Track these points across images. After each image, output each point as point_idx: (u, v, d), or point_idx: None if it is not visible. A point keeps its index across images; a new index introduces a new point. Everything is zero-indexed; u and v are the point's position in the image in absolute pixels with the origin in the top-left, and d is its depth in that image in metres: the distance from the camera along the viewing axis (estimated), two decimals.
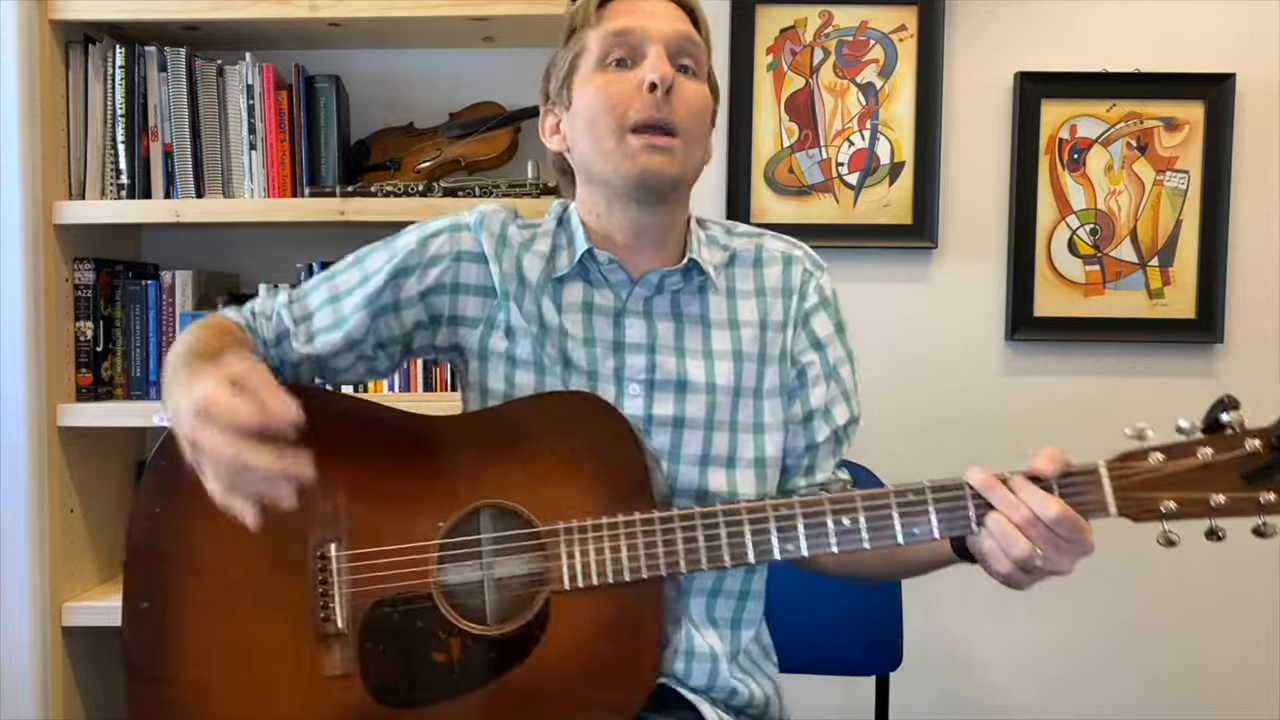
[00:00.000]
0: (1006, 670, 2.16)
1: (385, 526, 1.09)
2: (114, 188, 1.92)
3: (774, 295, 1.25)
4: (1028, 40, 2.09)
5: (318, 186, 1.96)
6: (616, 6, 1.19)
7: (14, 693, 1.85)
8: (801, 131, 2.11)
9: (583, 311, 1.21)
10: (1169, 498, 1.00)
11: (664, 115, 1.14)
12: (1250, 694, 2.13)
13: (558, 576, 1.05)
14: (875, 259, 2.10)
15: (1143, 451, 1.01)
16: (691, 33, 1.19)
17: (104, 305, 1.96)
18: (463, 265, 1.23)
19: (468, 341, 1.23)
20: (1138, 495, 1.00)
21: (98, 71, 1.92)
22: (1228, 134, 2.07)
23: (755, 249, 1.28)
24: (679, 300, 1.23)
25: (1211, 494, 0.99)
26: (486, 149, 2.04)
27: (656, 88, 1.13)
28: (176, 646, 1.10)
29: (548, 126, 1.26)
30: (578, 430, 1.09)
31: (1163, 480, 1.00)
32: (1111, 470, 1.01)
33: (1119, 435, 1.09)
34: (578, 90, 1.19)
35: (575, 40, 1.20)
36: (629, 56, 1.16)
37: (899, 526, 1.03)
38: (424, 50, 2.12)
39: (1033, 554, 0.99)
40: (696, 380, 1.20)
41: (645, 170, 1.14)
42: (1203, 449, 1.00)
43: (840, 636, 1.67)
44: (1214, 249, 2.09)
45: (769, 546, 1.04)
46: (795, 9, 2.09)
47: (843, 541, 1.03)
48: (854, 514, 1.03)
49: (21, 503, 1.84)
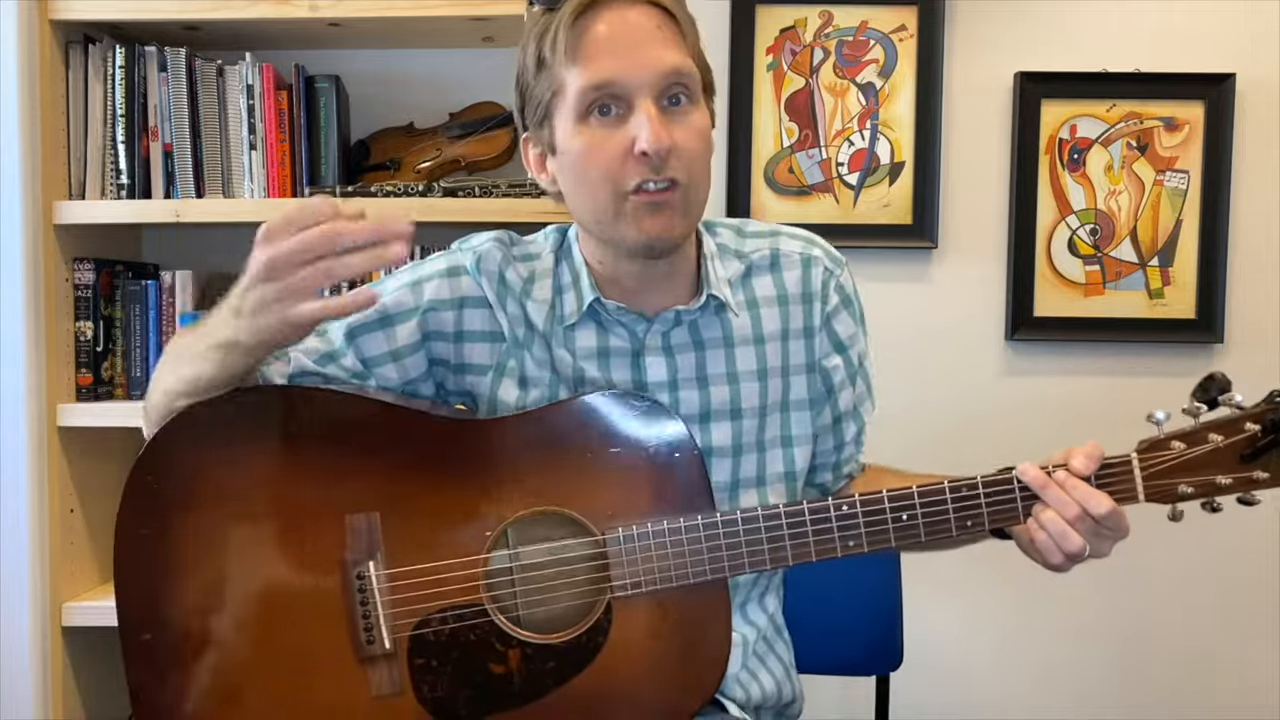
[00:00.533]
0: (1006, 670, 2.16)
1: (427, 540, 1.04)
2: (114, 188, 1.92)
3: (795, 302, 1.20)
4: (1028, 40, 2.09)
5: (318, 186, 1.96)
6: (592, 36, 1.05)
7: (14, 693, 1.85)
8: (801, 131, 2.11)
9: (598, 357, 1.16)
10: (1186, 482, 1.07)
11: (662, 176, 1.05)
12: (1250, 694, 2.13)
13: (621, 584, 1.04)
14: (875, 259, 2.10)
15: (1165, 440, 1.08)
16: (679, 61, 1.07)
17: (104, 305, 1.96)
18: (466, 311, 1.16)
19: (478, 389, 1.17)
20: (1162, 482, 1.07)
21: (98, 71, 1.92)
22: (1228, 134, 2.07)
23: (771, 252, 1.21)
24: (698, 327, 1.17)
25: (1218, 475, 1.06)
26: (486, 149, 2.04)
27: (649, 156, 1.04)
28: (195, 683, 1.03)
29: (532, 158, 1.17)
30: (627, 432, 1.07)
31: (1183, 466, 1.07)
32: (1142, 460, 1.07)
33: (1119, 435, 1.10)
34: (561, 136, 1.09)
35: (547, 75, 1.08)
36: (614, 105, 1.05)
37: (954, 520, 1.07)
38: (424, 50, 2.12)
39: (1084, 547, 1.04)
40: (720, 408, 1.17)
41: (649, 236, 1.07)
42: (1214, 434, 1.07)
43: (840, 636, 1.67)
44: (1214, 249, 2.09)
45: (832, 545, 1.06)
46: (795, 9, 2.09)
47: (901, 537, 1.06)
48: (912, 510, 1.06)
49: (21, 503, 1.84)
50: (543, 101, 1.09)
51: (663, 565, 1.04)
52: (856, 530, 1.06)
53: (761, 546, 1.06)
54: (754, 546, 1.06)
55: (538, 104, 1.10)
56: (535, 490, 1.05)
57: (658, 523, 1.04)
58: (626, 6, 1.06)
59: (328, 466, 1.05)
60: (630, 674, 1.04)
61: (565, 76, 1.06)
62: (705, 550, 1.04)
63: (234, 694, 1.03)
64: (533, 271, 1.18)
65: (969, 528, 1.07)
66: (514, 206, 1.91)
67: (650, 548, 1.04)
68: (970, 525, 1.07)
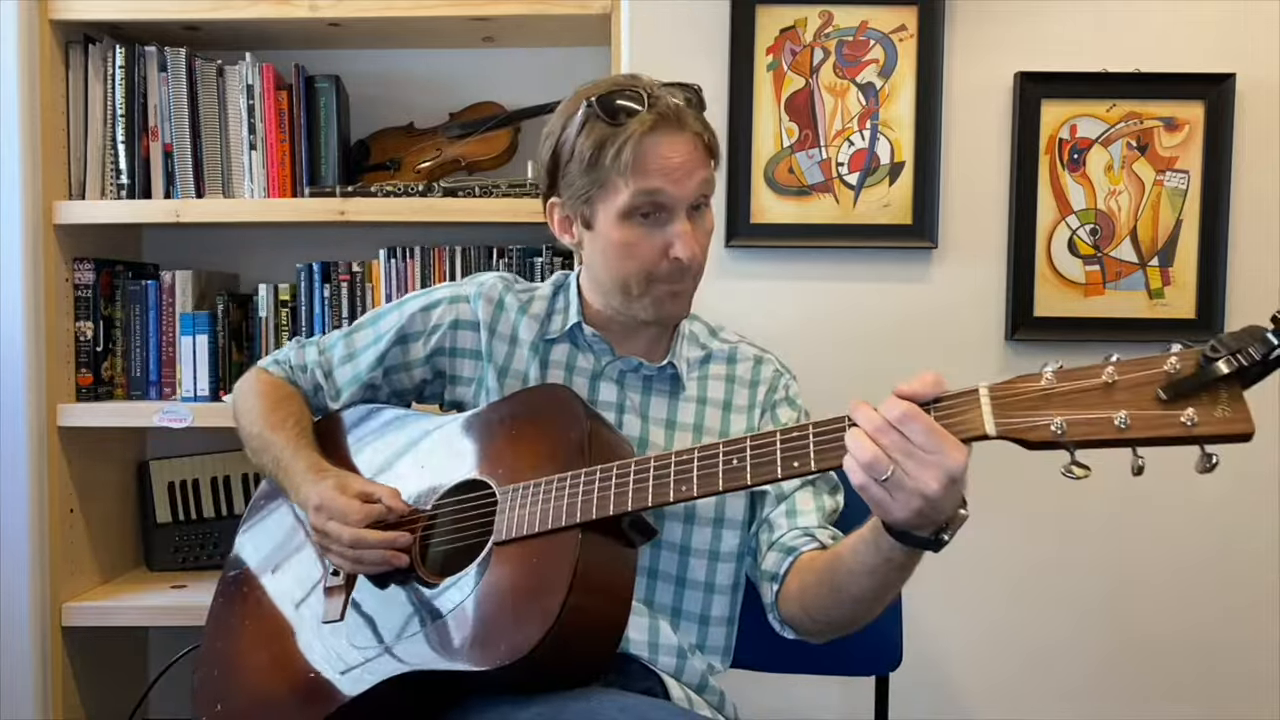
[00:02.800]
0: (1006, 670, 2.15)
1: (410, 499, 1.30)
2: (114, 188, 1.92)
3: (741, 384, 1.39)
4: (1028, 40, 2.09)
5: (318, 186, 1.96)
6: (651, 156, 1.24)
7: (14, 693, 1.85)
8: (801, 131, 2.11)
9: (565, 370, 1.38)
10: (1059, 415, 0.89)
11: (687, 276, 1.29)
12: (1250, 694, 2.13)
13: (500, 530, 1.17)
14: (875, 259, 2.10)
15: (1035, 374, 0.92)
16: (709, 174, 1.29)
17: (104, 305, 1.96)
18: (459, 332, 1.41)
19: (464, 398, 1.41)
20: (1021, 414, 0.91)
21: (98, 71, 1.92)
22: (1228, 134, 2.07)
23: (729, 350, 1.42)
24: (651, 381, 1.37)
25: (1114, 412, 0.88)
26: (486, 149, 2.04)
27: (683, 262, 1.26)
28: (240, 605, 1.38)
29: (556, 220, 1.36)
30: (541, 411, 1.26)
31: (1052, 399, 0.90)
32: (993, 390, 0.95)
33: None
34: (603, 223, 1.29)
35: (601, 174, 1.25)
36: (656, 212, 1.26)
37: (779, 460, 1.05)
38: (424, 50, 2.12)
39: (880, 460, 0.95)
40: (656, 444, 1.33)
41: (664, 314, 1.32)
42: (1107, 369, 0.89)
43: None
44: (1214, 249, 2.08)
45: (666, 490, 1.10)
46: (795, 9, 2.09)
47: (728, 479, 1.07)
48: (741, 453, 1.08)
49: (21, 503, 1.85)
50: (588, 190, 1.28)
51: (531, 513, 1.15)
52: (689, 474, 1.09)
53: (609, 492, 1.12)
54: (603, 493, 1.12)
55: (582, 189, 1.28)
56: (476, 461, 1.27)
57: (538, 479, 1.17)
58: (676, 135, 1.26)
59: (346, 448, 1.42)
60: (485, 610, 1.13)
61: (619, 182, 1.25)
62: (566, 499, 1.13)
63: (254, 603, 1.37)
64: (531, 297, 1.42)
65: (795, 469, 1.04)
66: (514, 206, 1.91)
67: (528, 500, 1.16)
68: (797, 466, 1.04)
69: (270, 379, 1.48)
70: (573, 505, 1.13)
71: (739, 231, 2.09)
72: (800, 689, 2.04)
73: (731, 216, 2.10)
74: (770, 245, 2.11)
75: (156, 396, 1.99)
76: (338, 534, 1.23)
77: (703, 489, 1.09)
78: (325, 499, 1.25)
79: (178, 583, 2.01)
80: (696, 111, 1.30)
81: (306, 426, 1.41)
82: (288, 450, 1.35)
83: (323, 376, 1.46)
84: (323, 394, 1.47)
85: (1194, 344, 0.88)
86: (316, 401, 1.48)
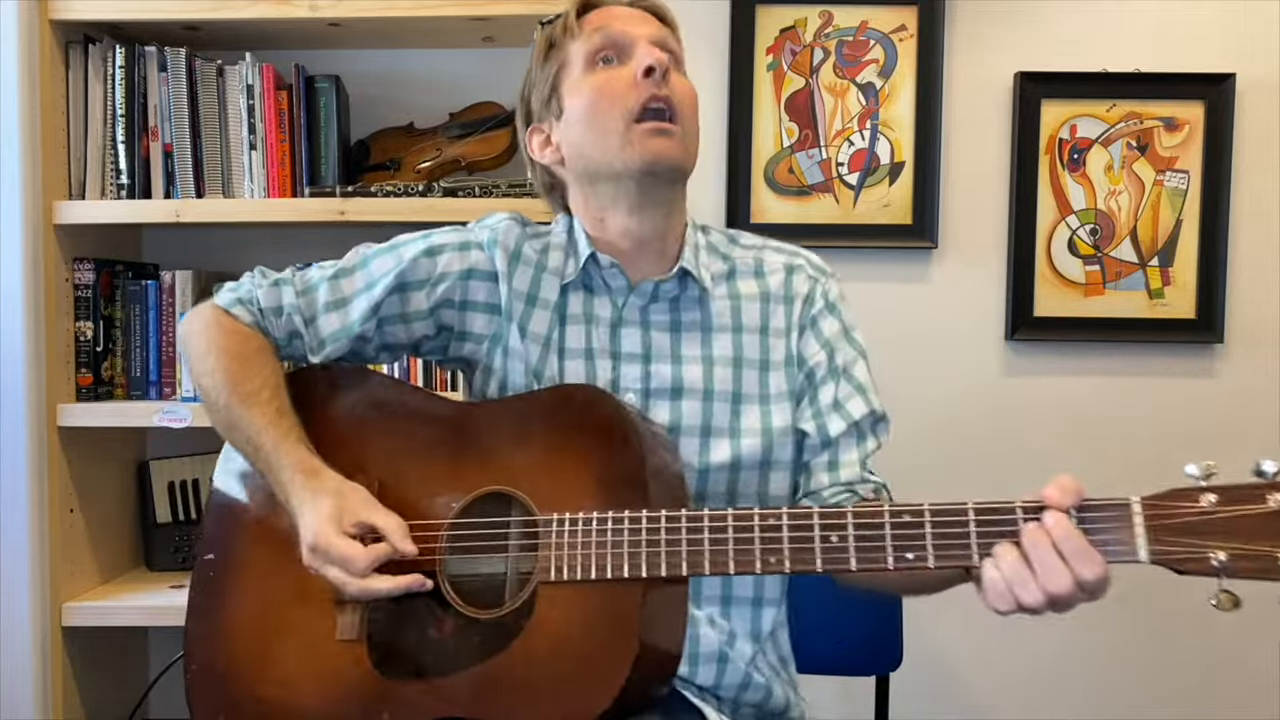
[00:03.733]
0: (1006, 670, 2.15)
1: (404, 505, 1.13)
2: (114, 188, 1.92)
3: (776, 302, 1.25)
4: (1028, 40, 2.09)
5: (318, 186, 1.96)
6: (593, 17, 1.23)
7: (14, 693, 1.85)
8: (801, 131, 2.11)
9: (584, 323, 1.23)
10: (1221, 548, 0.81)
11: (664, 94, 1.17)
12: (1252, 693, 2.13)
13: (545, 567, 1.04)
14: (875, 259, 2.10)
15: (1193, 490, 0.84)
16: (668, 35, 1.24)
17: (104, 305, 1.96)
18: (471, 283, 1.25)
19: (474, 355, 1.26)
20: (1179, 541, 0.83)
21: (98, 71, 1.92)
22: (1228, 134, 2.07)
23: (755, 261, 1.28)
24: (678, 307, 1.23)
25: (1278, 549, 0.80)
26: (486, 149, 2.04)
27: (654, 70, 1.16)
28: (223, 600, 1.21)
29: (535, 143, 1.28)
30: (585, 423, 1.10)
31: (1213, 526, 0.82)
32: (1146, 508, 0.85)
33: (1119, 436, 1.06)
34: (569, 96, 1.22)
35: (555, 54, 1.24)
36: (617, 55, 1.20)
37: (891, 550, 0.94)
38: (424, 50, 2.12)
39: (1045, 604, 0.89)
40: (693, 386, 1.20)
41: (655, 156, 1.17)
42: (1274, 494, 0.80)
43: (840, 636, 1.67)
44: (1214, 249, 2.09)
45: (751, 558, 0.99)
46: (795, 9, 2.09)
47: (830, 561, 0.96)
48: (843, 531, 0.96)
49: (21, 503, 1.84)
50: (549, 78, 1.23)
51: (585, 555, 1.02)
52: (779, 546, 0.98)
53: (680, 549, 1.00)
54: (673, 549, 1.00)
55: (545, 84, 1.24)
56: (501, 470, 1.11)
57: (589, 513, 1.04)
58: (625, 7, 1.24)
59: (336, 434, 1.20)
60: (541, 660, 1.03)
61: (571, 47, 1.22)
62: (627, 546, 1.01)
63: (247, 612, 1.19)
64: (547, 245, 1.28)
65: (910, 561, 0.93)
66: (514, 207, 1.90)
67: (578, 534, 1.03)
68: (912, 559, 0.93)
69: (234, 325, 1.24)
70: (636, 556, 1.00)
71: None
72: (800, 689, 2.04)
73: (731, 216, 2.10)
74: None
75: (156, 396, 1.98)
76: (342, 584, 1.09)
77: (797, 565, 0.96)
78: (321, 540, 1.08)
79: (178, 583, 2.01)
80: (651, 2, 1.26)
81: (285, 399, 1.20)
82: (267, 437, 1.16)
83: (302, 324, 1.25)
84: (300, 343, 1.26)
85: None
86: (290, 351, 1.27)
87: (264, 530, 1.20)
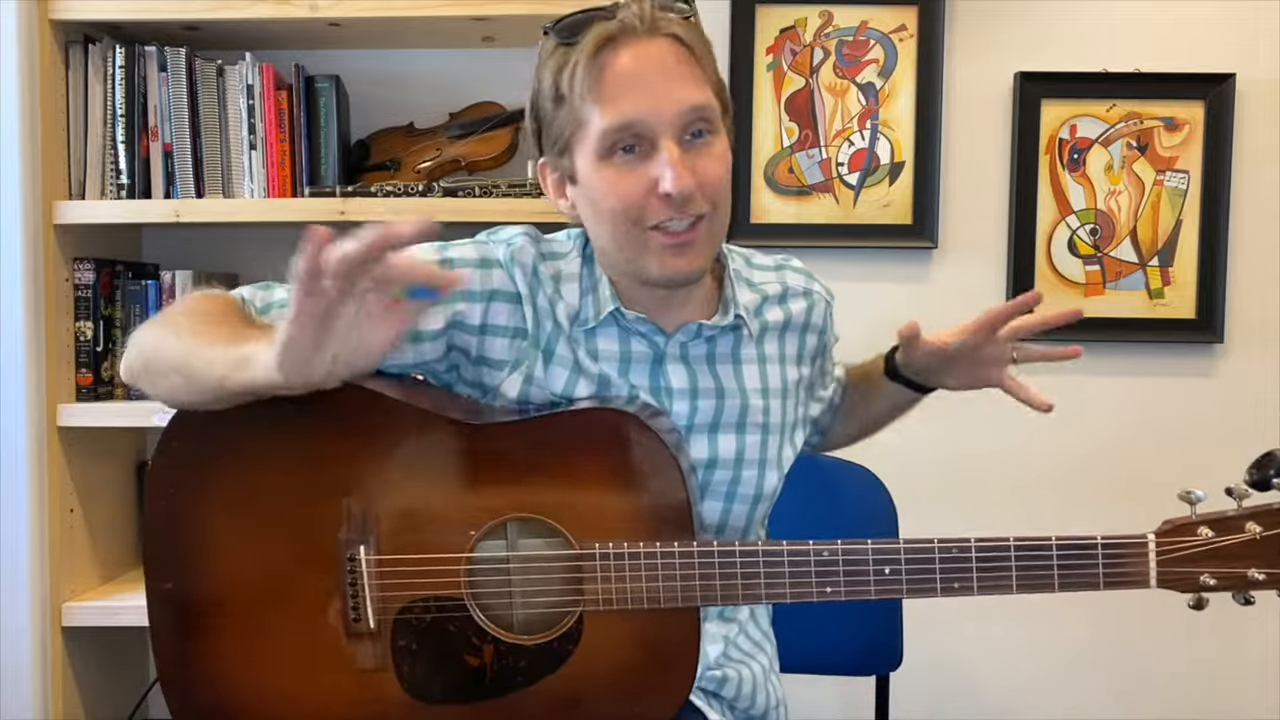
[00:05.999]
0: (1006, 670, 2.16)
1: (416, 531, 1.08)
2: (114, 188, 1.92)
3: (797, 330, 1.25)
4: (1028, 40, 2.09)
5: (318, 186, 1.96)
6: (614, 75, 1.05)
7: (14, 693, 1.85)
8: (801, 131, 2.11)
9: (620, 362, 1.16)
10: (1209, 572, 1.01)
11: (686, 214, 1.07)
12: (1251, 694, 2.13)
13: (593, 599, 1.05)
14: (875, 259, 2.10)
15: (1191, 524, 1.02)
16: (700, 98, 1.07)
17: (104, 305, 1.96)
18: (494, 305, 1.14)
19: (491, 381, 1.16)
20: (1180, 569, 1.01)
21: (98, 71, 1.92)
22: (1228, 134, 2.07)
23: (781, 286, 1.25)
24: (715, 342, 1.20)
25: (1251, 569, 1.00)
26: (486, 149, 2.04)
27: (673, 197, 1.05)
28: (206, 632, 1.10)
29: (550, 184, 1.16)
30: (620, 450, 1.07)
31: (1207, 555, 1.01)
32: (1159, 545, 1.02)
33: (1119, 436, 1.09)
34: (583, 169, 1.09)
35: (568, 110, 1.07)
36: (638, 143, 1.06)
37: (939, 582, 1.04)
38: (424, 50, 2.12)
39: None
40: (730, 420, 1.18)
41: (671, 272, 1.10)
42: (1251, 524, 1.00)
43: (840, 636, 1.67)
44: (1214, 249, 2.09)
45: (808, 589, 1.05)
46: (795, 9, 2.09)
47: (883, 591, 1.04)
48: (896, 565, 1.04)
49: (21, 503, 1.84)
50: (563, 135, 1.10)
51: (635, 586, 1.04)
52: (835, 578, 1.05)
53: (735, 582, 1.05)
54: (727, 581, 1.05)
55: (557, 136, 1.11)
56: (525, 496, 1.07)
57: (635, 545, 1.05)
58: (646, 42, 1.06)
59: (337, 453, 1.08)
60: (594, 686, 1.06)
61: (587, 114, 1.06)
62: (679, 578, 1.05)
63: (238, 651, 1.10)
64: (559, 272, 1.18)
65: (956, 590, 1.04)
66: (514, 206, 1.91)
67: (625, 567, 1.04)
68: (958, 588, 1.04)
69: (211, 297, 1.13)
70: (690, 587, 1.05)
71: (739, 231, 2.09)
72: (800, 689, 2.04)
73: (731, 216, 2.10)
74: (770, 245, 2.10)
75: None
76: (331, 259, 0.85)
77: (853, 594, 1.05)
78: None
79: None
80: (675, 13, 1.08)
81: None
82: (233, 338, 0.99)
83: None
84: None
85: None
86: None
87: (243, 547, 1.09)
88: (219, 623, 1.09)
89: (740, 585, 1.05)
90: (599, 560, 1.05)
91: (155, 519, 1.10)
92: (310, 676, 1.08)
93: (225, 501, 1.09)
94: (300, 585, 1.08)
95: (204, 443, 1.09)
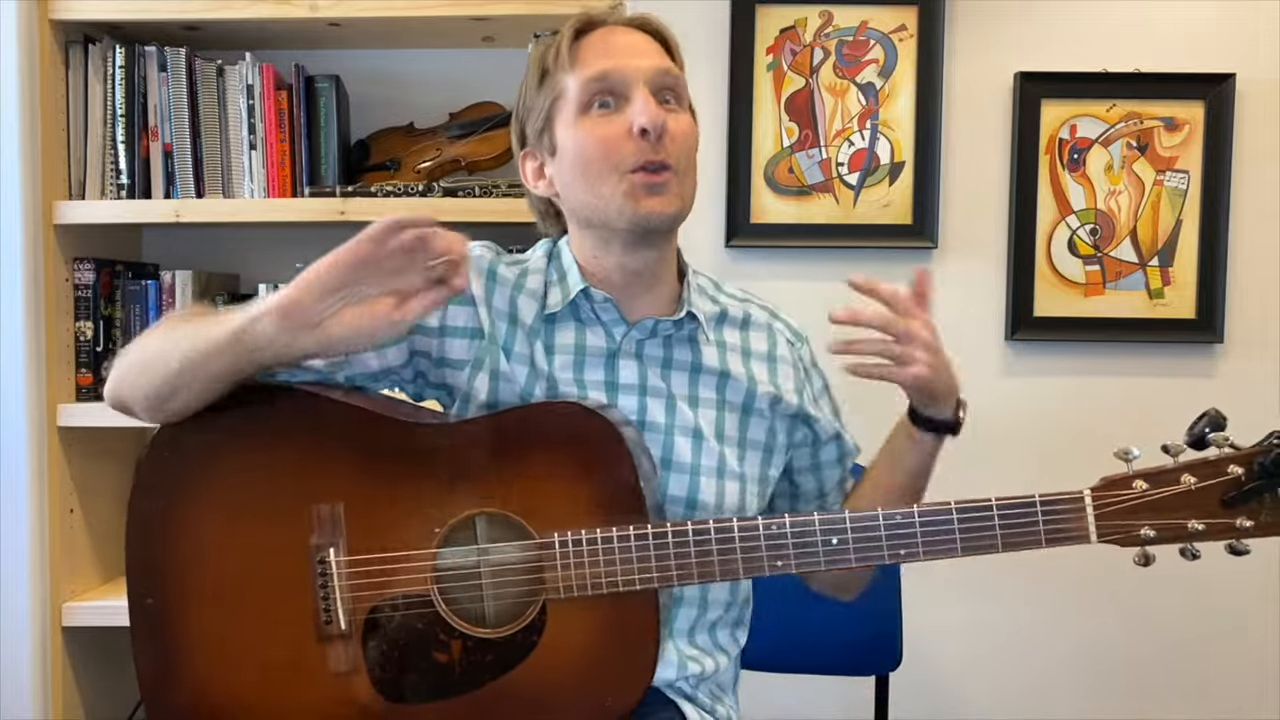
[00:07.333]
0: (1006, 670, 2.16)
1: (383, 532, 1.11)
2: (114, 188, 1.92)
3: (759, 360, 1.27)
4: (1028, 40, 2.09)
5: (318, 186, 1.96)
6: (590, 46, 1.18)
7: (14, 693, 1.85)
8: (801, 131, 2.11)
9: (575, 353, 1.21)
10: (1149, 524, 1.03)
11: (659, 158, 1.14)
12: (1250, 693, 2.13)
13: (554, 586, 1.08)
14: (875, 259, 2.10)
15: (1126, 478, 1.04)
16: (669, 65, 1.18)
17: (104, 305, 1.96)
18: (450, 308, 1.19)
19: (455, 382, 1.21)
20: (1119, 523, 1.04)
21: (98, 71, 1.92)
22: (1228, 134, 2.07)
23: (743, 313, 1.30)
24: (670, 344, 1.23)
25: (1190, 520, 1.02)
26: (486, 149, 2.04)
27: (648, 133, 1.13)
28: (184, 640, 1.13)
29: (529, 171, 1.25)
30: (573, 441, 1.10)
31: (1144, 507, 1.03)
32: (1095, 499, 1.05)
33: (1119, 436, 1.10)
34: (562, 135, 1.18)
35: (550, 83, 1.19)
36: (613, 98, 1.16)
37: (886, 548, 1.07)
38: (424, 50, 2.12)
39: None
40: (684, 425, 1.21)
41: (648, 212, 1.15)
42: (1186, 475, 1.02)
43: (840, 636, 1.67)
44: (1214, 249, 2.09)
45: (759, 563, 1.08)
46: (795, 9, 2.09)
47: (832, 561, 1.07)
48: (843, 534, 1.07)
49: (21, 503, 1.85)
50: (544, 109, 1.19)
51: (594, 572, 1.07)
52: (785, 550, 1.08)
53: (690, 560, 1.07)
54: (682, 560, 1.07)
55: (539, 113, 1.20)
56: (486, 492, 1.10)
57: (592, 531, 1.08)
58: (622, 29, 1.20)
59: (303, 459, 1.13)
60: (562, 673, 1.08)
61: (566, 81, 1.17)
62: (635, 560, 1.07)
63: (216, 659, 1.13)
64: (525, 269, 1.25)
65: (903, 556, 1.07)
66: (514, 206, 1.91)
67: (584, 553, 1.07)
68: (904, 554, 1.07)
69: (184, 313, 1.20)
70: (646, 569, 1.07)
71: (739, 231, 2.09)
72: (800, 689, 2.04)
73: (731, 216, 2.10)
74: (770, 245, 2.11)
75: None
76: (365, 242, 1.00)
77: (802, 566, 1.08)
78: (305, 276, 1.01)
79: None
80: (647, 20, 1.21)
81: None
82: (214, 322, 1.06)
83: None
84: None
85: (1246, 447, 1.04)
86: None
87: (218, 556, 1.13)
88: (195, 630, 1.12)
89: (695, 564, 1.08)
90: (558, 549, 1.08)
91: (134, 531, 1.14)
92: (286, 682, 1.11)
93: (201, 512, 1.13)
94: (274, 590, 1.11)
95: (179, 458, 1.13)
